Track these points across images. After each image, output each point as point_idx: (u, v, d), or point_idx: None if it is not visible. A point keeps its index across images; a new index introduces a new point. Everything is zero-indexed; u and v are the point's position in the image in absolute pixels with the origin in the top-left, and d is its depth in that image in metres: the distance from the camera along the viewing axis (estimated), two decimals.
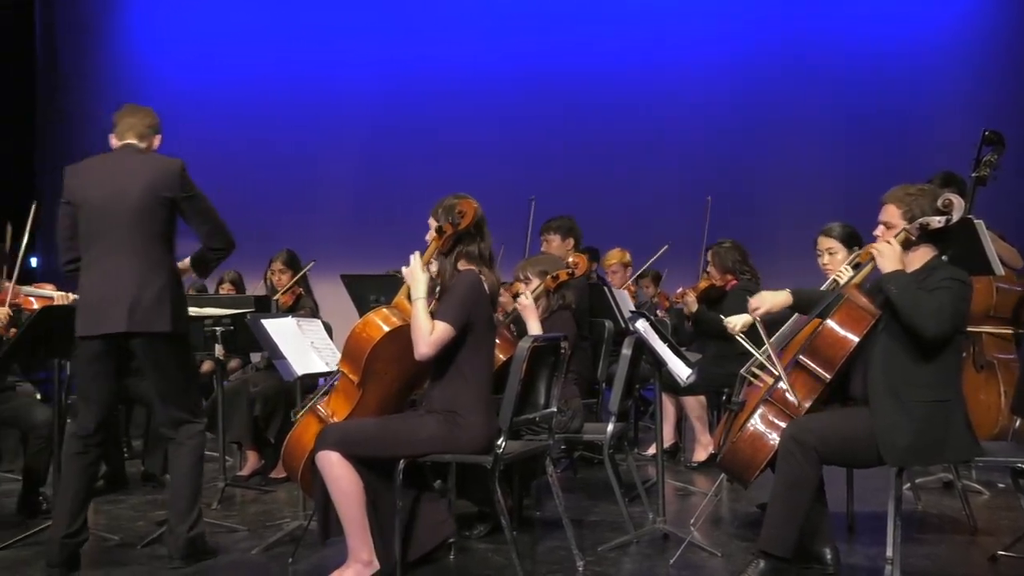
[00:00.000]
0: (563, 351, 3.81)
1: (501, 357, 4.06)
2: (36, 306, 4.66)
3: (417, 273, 3.55)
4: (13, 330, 4.49)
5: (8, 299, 4.51)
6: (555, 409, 3.86)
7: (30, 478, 4.65)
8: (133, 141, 3.87)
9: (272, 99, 10.68)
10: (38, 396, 5.44)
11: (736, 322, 3.98)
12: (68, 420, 4.39)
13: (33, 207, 4.72)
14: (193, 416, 3.87)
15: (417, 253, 3.61)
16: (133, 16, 11.42)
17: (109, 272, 3.71)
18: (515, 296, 4.49)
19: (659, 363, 4.08)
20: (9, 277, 4.70)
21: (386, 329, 3.61)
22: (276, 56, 10.83)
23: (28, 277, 5.88)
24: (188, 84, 10.59)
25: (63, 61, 11.51)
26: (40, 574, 3.78)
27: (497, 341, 3.99)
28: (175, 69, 10.81)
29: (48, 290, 4.84)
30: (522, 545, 4.00)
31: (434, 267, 3.66)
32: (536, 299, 4.47)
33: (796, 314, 3.97)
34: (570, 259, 4.73)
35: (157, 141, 3.96)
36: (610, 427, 4.25)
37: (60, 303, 4.61)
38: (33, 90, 11.19)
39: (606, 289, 5.34)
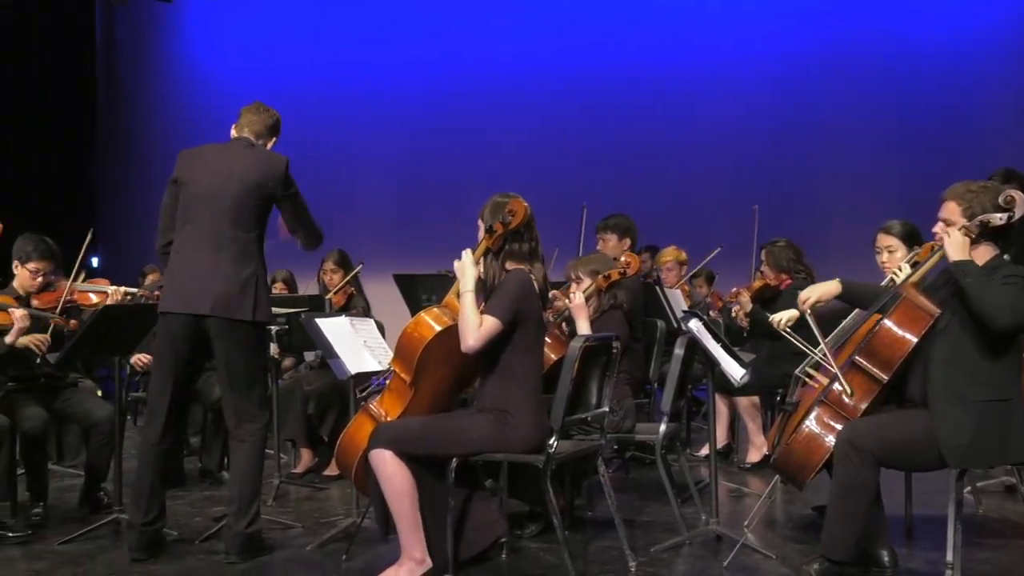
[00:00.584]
0: (615, 351, 3.80)
1: (552, 357, 4.06)
2: (94, 300, 4.77)
3: (468, 267, 3.57)
4: (73, 322, 4.61)
5: (64, 296, 4.62)
6: (607, 409, 3.85)
7: (92, 473, 4.75)
8: (249, 136, 4.01)
9: (322, 100, 10.80)
10: (99, 393, 5.56)
11: (781, 316, 3.91)
12: (129, 416, 4.49)
13: (91, 233, 4.89)
14: (259, 411, 3.92)
15: (469, 250, 3.63)
16: (189, 22, 11.64)
17: (201, 255, 3.83)
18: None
19: (712, 363, 4.05)
20: (67, 274, 4.82)
21: (437, 328, 3.62)
22: (323, 59, 10.96)
23: (88, 275, 6.03)
24: (240, 88, 10.73)
25: (122, 66, 11.77)
26: (101, 567, 3.87)
27: (548, 341, 3.99)
28: (228, 73, 11.00)
29: (102, 285, 4.97)
30: (574, 545, 3.99)
31: (482, 266, 3.67)
32: (588, 299, 4.46)
33: (852, 314, 3.91)
34: (622, 258, 4.71)
35: (272, 143, 4.09)
36: (662, 427, 4.22)
37: (115, 298, 4.72)
38: (93, 96, 11.45)
39: (658, 289, 5.31)
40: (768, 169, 9.56)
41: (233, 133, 4.07)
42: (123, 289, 4.85)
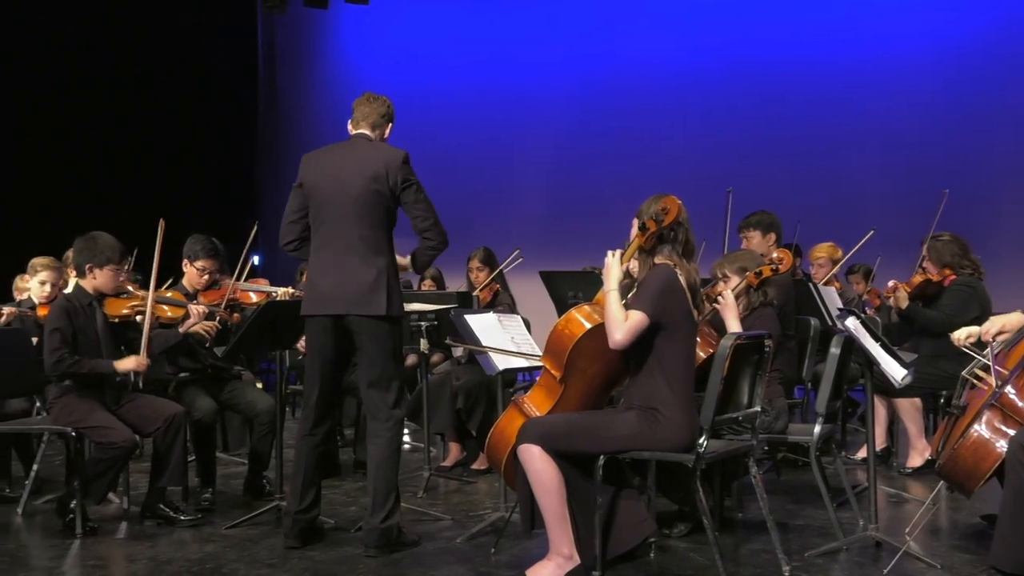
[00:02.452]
0: (767, 349, 3.71)
1: (701, 355, 3.99)
2: (255, 299, 5.02)
3: (613, 267, 3.56)
4: (236, 315, 4.86)
5: (227, 294, 4.88)
6: (759, 408, 3.76)
7: (255, 462, 4.99)
8: (365, 131, 4.08)
9: (472, 101, 10.99)
10: (259, 385, 5.83)
11: (961, 335, 3.72)
12: (288, 408, 4.69)
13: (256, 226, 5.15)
14: (396, 405, 3.99)
15: (618, 251, 3.61)
16: (344, 27, 12.06)
17: (333, 257, 3.95)
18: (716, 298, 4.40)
19: (871, 363, 3.89)
20: (231, 274, 5.08)
21: (588, 326, 3.62)
22: (473, 61, 11.14)
23: (250, 273, 6.35)
24: (392, 90, 10.92)
25: (281, 72, 12.31)
26: (264, 551, 4.05)
27: (697, 339, 3.93)
28: (381, 75, 11.32)
29: (262, 284, 5.22)
30: (724, 546, 3.91)
31: (634, 264, 3.66)
32: (737, 297, 4.37)
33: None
34: (774, 254, 4.59)
35: (389, 130, 4.14)
36: (817, 428, 4.09)
37: (283, 298, 4.95)
38: (255, 101, 12.04)
39: (811, 286, 5.14)
40: (953, 159, 9.13)
41: (350, 128, 4.11)
42: (288, 290, 5.09)
